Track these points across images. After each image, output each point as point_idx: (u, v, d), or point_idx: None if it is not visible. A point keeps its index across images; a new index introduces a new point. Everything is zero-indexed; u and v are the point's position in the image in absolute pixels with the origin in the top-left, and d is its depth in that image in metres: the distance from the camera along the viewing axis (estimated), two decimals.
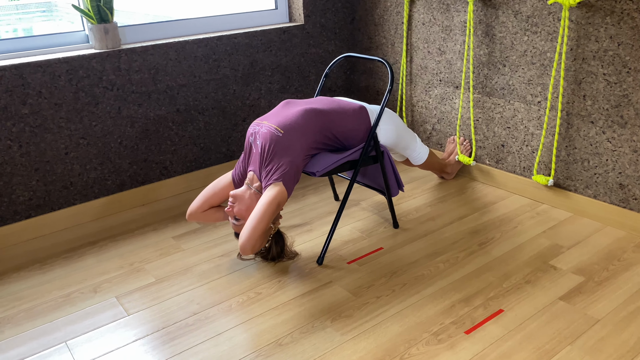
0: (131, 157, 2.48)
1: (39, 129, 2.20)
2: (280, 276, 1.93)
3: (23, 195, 2.24)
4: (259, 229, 1.75)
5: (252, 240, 1.74)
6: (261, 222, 1.76)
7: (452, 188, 2.58)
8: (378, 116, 2.01)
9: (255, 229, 1.75)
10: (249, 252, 1.75)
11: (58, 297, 1.87)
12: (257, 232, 1.75)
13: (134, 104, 2.41)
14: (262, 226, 1.76)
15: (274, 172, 1.85)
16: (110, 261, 2.09)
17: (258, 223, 1.75)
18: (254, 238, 1.74)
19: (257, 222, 1.75)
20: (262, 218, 1.76)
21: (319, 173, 1.88)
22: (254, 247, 1.76)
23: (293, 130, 1.86)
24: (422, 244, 2.10)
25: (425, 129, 2.84)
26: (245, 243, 1.74)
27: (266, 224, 1.77)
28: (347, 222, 2.30)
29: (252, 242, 1.74)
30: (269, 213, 1.77)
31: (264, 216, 1.76)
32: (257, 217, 1.76)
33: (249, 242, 1.74)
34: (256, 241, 1.75)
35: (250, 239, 1.74)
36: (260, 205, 1.79)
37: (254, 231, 1.75)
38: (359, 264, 1.99)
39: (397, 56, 2.85)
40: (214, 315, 1.74)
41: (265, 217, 1.76)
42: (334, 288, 1.85)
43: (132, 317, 1.75)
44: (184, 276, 1.96)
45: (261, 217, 1.76)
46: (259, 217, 1.76)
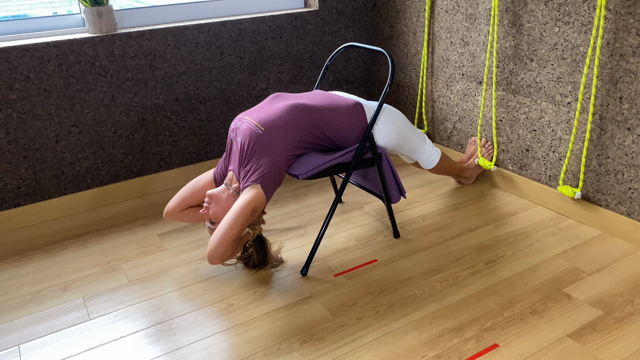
0: (126, 147, 2.37)
1: (28, 115, 2.12)
2: (259, 286, 1.77)
3: (11, 183, 2.17)
4: (228, 236, 1.59)
5: (220, 248, 1.58)
6: (232, 228, 1.60)
7: (468, 194, 2.34)
8: (374, 114, 1.80)
9: (224, 236, 1.59)
10: (216, 262, 1.60)
11: (27, 294, 1.79)
12: (226, 239, 1.59)
13: (129, 92, 2.30)
14: (233, 233, 1.60)
15: (252, 173, 1.68)
16: (89, 257, 1.99)
17: (228, 230, 1.59)
18: (222, 246, 1.59)
19: (227, 228, 1.60)
20: (234, 224, 1.60)
21: (302, 176, 1.69)
22: (222, 255, 1.60)
23: (275, 128, 1.68)
24: (422, 258, 1.89)
25: (445, 128, 2.59)
26: (213, 251, 1.59)
27: (237, 231, 1.61)
28: (344, 227, 2.11)
29: (221, 251, 1.59)
30: (241, 219, 1.61)
31: (235, 222, 1.60)
32: (229, 223, 1.60)
33: (217, 250, 1.58)
34: (225, 249, 1.60)
35: (219, 246, 1.58)
36: (233, 209, 1.63)
37: (223, 238, 1.59)
38: (346, 277, 1.80)
39: (419, 46, 2.60)
40: (177, 327, 1.60)
41: (237, 224, 1.60)
42: (312, 304, 1.67)
43: (93, 323, 1.64)
44: (157, 279, 1.83)
45: (232, 223, 1.60)
46: (230, 223, 1.60)
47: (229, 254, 1.61)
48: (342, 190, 1.84)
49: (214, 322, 1.61)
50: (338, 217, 2.19)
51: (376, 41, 2.86)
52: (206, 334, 1.56)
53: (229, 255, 1.62)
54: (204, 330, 1.58)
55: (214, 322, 1.61)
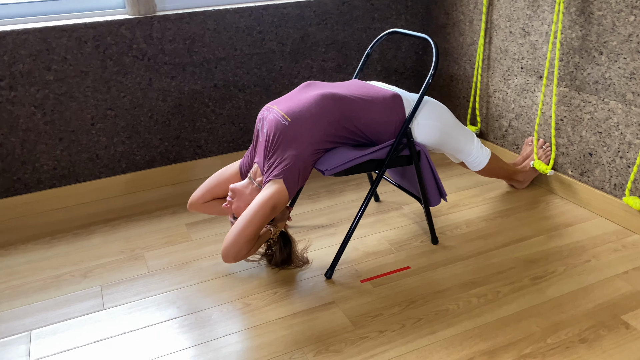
0: (162, 133, 2.32)
1: (64, 96, 2.10)
2: (280, 286, 1.66)
3: (47, 164, 2.17)
4: (244, 234, 1.49)
5: (235, 247, 1.48)
6: (248, 226, 1.49)
7: (521, 200, 2.12)
8: (414, 108, 1.64)
9: (240, 234, 1.49)
10: (230, 260, 1.50)
11: (48, 278, 1.77)
12: (242, 238, 1.49)
13: (166, 76, 2.24)
14: (250, 232, 1.49)
15: (275, 166, 1.57)
16: (114, 243, 1.95)
17: (245, 228, 1.49)
18: (237, 244, 1.48)
19: (243, 226, 1.49)
20: (251, 222, 1.49)
21: (329, 172, 1.56)
22: (237, 255, 1.50)
23: (302, 119, 1.56)
24: (460, 268, 1.71)
25: (500, 125, 2.38)
26: (227, 250, 1.49)
27: (254, 229, 1.50)
28: (378, 229, 1.96)
29: (236, 249, 1.49)
30: (259, 216, 1.50)
31: (252, 219, 1.50)
32: (245, 221, 1.50)
33: (231, 248, 1.48)
34: (240, 248, 1.49)
35: (234, 245, 1.48)
36: (252, 206, 1.52)
37: (238, 237, 1.49)
38: (373, 284, 1.66)
39: (475, 36, 2.40)
40: (189, 325, 1.52)
41: (254, 221, 1.50)
42: (333, 311, 1.54)
43: (106, 313, 1.58)
44: (178, 271, 1.76)
45: (249, 220, 1.50)
46: (247, 220, 1.50)
47: (244, 253, 1.51)
48: (373, 189, 1.69)
49: (227, 323, 1.52)
50: (373, 217, 2.05)
51: (430, 29, 2.67)
52: (216, 334, 1.47)
53: (245, 254, 1.51)
54: (215, 331, 1.49)
55: (227, 323, 1.52)
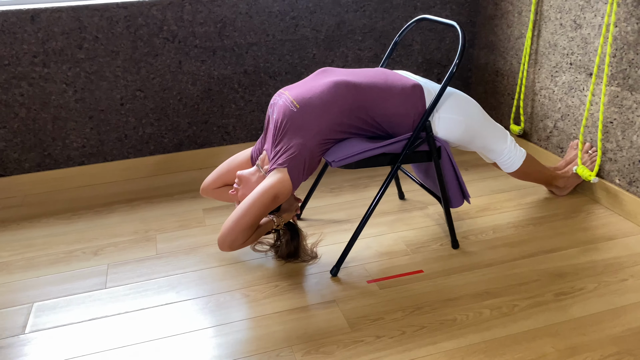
0: (191, 117, 2.31)
1: (95, 75, 2.13)
2: (282, 280, 1.60)
3: (77, 141, 2.21)
4: (241, 223, 1.43)
5: (230, 235, 1.43)
6: (246, 214, 1.43)
7: (559, 208, 1.95)
8: (434, 100, 1.52)
9: (237, 222, 1.43)
10: (226, 249, 1.45)
11: (61, 253, 1.79)
12: (238, 226, 1.43)
13: (196, 60, 2.22)
14: (247, 220, 1.43)
15: (281, 154, 1.50)
16: (131, 224, 1.95)
17: (242, 216, 1.43)
18: (233, 233, 1.43)
19: (241, 214, 1.44)
20: (249, 210, 1.44)
21: (336, 163, 1.48)
22: (232, 243, 1.44)
23: (311, 106, 1.48)
24: (477, 276, 1.58)
25: (545, 126, 2.20)
26: (223, 238, 1.44)
27: (252, 218, 1.44)
28: (397, 228, 1.86)
29: (231, 238, 1.43)
30: (258, 205, 1.44)
31: (251, 208, 1.44)
32: (244, 208, 1.44)
33: (227, 236, 1.43)
34: (236, 237, 1.44)
35: (229, 233, 1.43)
36: (253, 194, 1.46)
37: (234, 225, 1.43)
38: (380, 285, 1.56)
39: (523, 28, 2.22)
40: (183, 311, 1.48)
41: (252, 210, 1.44)
42: (332, 311, 1.46)
43: (106, 292, 1.58)
44: (185, 256, 1.74)
45: (248, 209, 1.44)
46: (246, 208, 1.44)
47: (241, 242, 1.45)
48: (385, 185, 1.59)
49: (220, 313, 1.47)
50: (393, 215, 1.94)
51: (477, 21, 2.50)
52: (207, 324, 1.43)
53: (241, 243, 1.46)
54: (207, 320, 1.44)
55: (221, 313, 1.47)
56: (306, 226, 1.89)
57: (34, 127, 2.14)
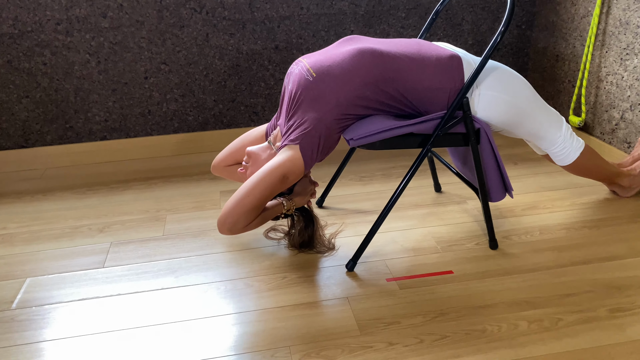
0: (217, 94, 2.18)
1: (119, 46, 2.03)
2: (292, 271, 1.43)
3: (99, 115, 2.13)
4: (243, 204, 1.27)
5: (231, 217, 1.27)
6: (250, 194, 1.27)
7: (621, 210, 1.68)
8: (474, 72, 1.30)
9: (238, 203, 1.27)
10: (225, 232, 1.29)
11: (67, 228, 1.70)
12: (239, 208, 1.27)
13: (224, 33, 2.08)
14: (249, 201, 1.27)
15: (293, 129, 1.33)
16: (144, 202, 1.84)
17: (245, 196, 1.27)
18: (234, 215, 1.27)
19: (244, 193, 1.28)
20: (254, 190, 1.27)
21: (355, 142, 1.29)
22: (232, 226, 1.28)
23: (329, 76, 1.30)
24: (516, 282, 1.36)
25: (610, 117, 1.92)
26: (222, 219, 1.28)
27: (256, 199, 1.28)
28: (429, 222, 1.65)
29: (232, 220, 1.27)
30: (264, 185, 1.28)
31: (255, 188, 1.27)
32: (248, 188, 1.28)
33: (227, 218, 1.27)
34: (237, 219, 1.27)
35: (230, 215, 1.27)
36: (259, 172, 1.30)
37: (236, 205, 1.27)
38: (401, 285, 1.36)
39: (590, 5, 1.95)
40: (180, 299, 1.34)
41: (257, 190, 1.27)
42: (342, 310, 1.28)
43: (102, 272, 1.46)
44: (192, 239, 1.60)
45: (252, 188, 1.28)
46: (250, 187, 1.28)
47: (242, 225, 1.29)
48: (412, 170, 1.38)
49: (218, 303, 1.32)
50: (426, 208, 1.73)
51: (537, 0, 2.24)
52: (200, 314, 1.28)
53: (242, 227, 1.29)
54: (201, 310, 1.30)
55: (218, 303, 1.32)
56: (327, 215, 1.72)
57: (56, 97, 2.06)
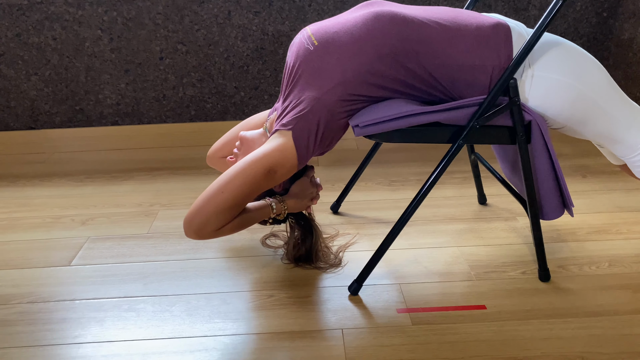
0: (238, 80, 1.95)
1: (133, 22, 1.85)
2: (283, 289, 1.16)
3: (110, 97, 1.95)
4: (216, 200, 1.01)
5: (199, 217, 1.01)
6: (225, 189, 1.01)
7: None
8: (525, 46, 0.98)
9: (210, 199, 1.01)
10: (191, 235, 1.03)
11: (49, 217, 1.51)
12: (212, 204, 1.00)
13: (249, 11, 1.85)
14: (224, 198, 1.01)
15: (287, 112, 1.06)
16: (140, 194, 1.64)
17: (219, 191, 1.01)
18: (203, 214, 1.00)
19: (218, 188, 1.01)
20: (230, 183, 1.01)
21: (360, 130, 1.00)
22: (201, 228, 1.01)
23: (335, 44, 1.02)
24: (572, 329, 1.02)
25: None
26: (189, 219, 1.02)
27: (235, 196, 1.01)
28: (464, 241, 1.33)
29: (200, 220, 1.00)
30: (244, 178, 1.01)
31: (234, 181, 1.01)
32: (223, 181, 1.02)
33: (194, 218, 1.01)
34: (206, 220, 1.00)
35: (198, 214, 1.01)
36: (240, 163, 1.04)
37: (207, 202, 1.01)
38: (415, 318, 1.06)
39: None
40: (139, 311, 1.10)
41: (235, 184, 1.01)
42: (332, 346, 0.99)
43: (66, 270, 1.25)
44: (177, 240, 1.37)
45: (229, 182, 1.01)
46: (227, 180, 1.02)
47: (213, 228, 1.01)
48: (440, 168, 1.07)
49: (179, 321, 1.07)
50: (464, 223, 1.41)
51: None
52: (154, 334, 1.03)
53: (213, 230, 1.02)
54: (155, 328, 1.05)
55: (180, 321, 1.07)
56: (342, 223, 1.43)
57: (66, 76, 1.91)
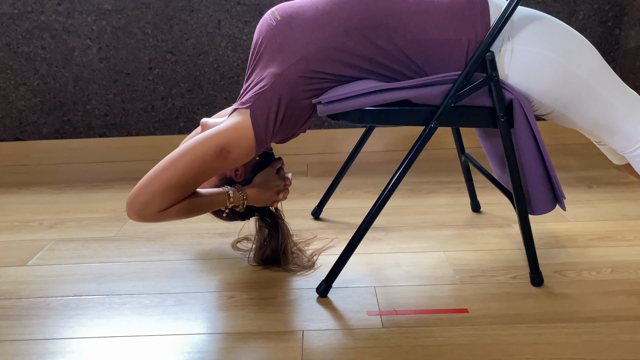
0: (229, 91, 1.90)
1: (122, 31, 1.82)
2: (246, 290, 1.06)
3: (99, 108, 1.91)
4: (161, 179, 0.92)
5: (143, 195, 0.92)
6: (170, 167, 0.92)
7: None
8: (502, 15, 0.89)
9: (155, 178, 0.92)
10: (133, 215, 0.94)
11: (17, 221, 1.45)
12: (156, 183, 0.92)
13: (239, 20, 1.82)
14: (169, 176, 0.92)
15: (248, 90, 0.99)
16: (117, 202, 1.57)
17: (164, 169, 0.93)
18: (146, 192, 0.92)
19: (164, 166, 0.93)
20: (177, 161, 0.93)
21: (323, 107, 0.93)
22: (143, 207, 0.92)
23: (298, 19, 0.95)
24: (566, 334, 0.89)
25: None
26: (132, 197, 0.93)
27: (180, 173, 0.92)
28: (452, 246, 1.21)
29: (142, 199, 0.92)
30: (192, 157, 0.93)
31: (180, 159, 0.93)
32: (170, 159, 0.94)
33: (138, 196, 0.92)
34: (150, 199, 0.91)
35: (142, 191, 0.92)
36: (190, 141, 0.96)
37: (151, 181, 0.92)
38: (386, 321, 0.94)
39: None
40: (87, 307, 1.01)
41: (182, 162, 0.93)
42: (289, 347, 0.88)
43: (22, 270, 1.18)
44: (143, 243, 1.28)
45: (176, 159, 0.93)
46: (173, 158, 0.94)
47: (155, 209, 0.92)
48: (413, 153, 0.97)
49: (125, 320, 0.97)
50: (454, 229, 1.30)
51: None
52: (92, 333, 0.93)
53: (156, 212, 0.93)
54: (95, 327, 0.95)
55: (126, 321, 0.97)
56: (321, 227, 1.33)
57: (54, 86, 1.88)
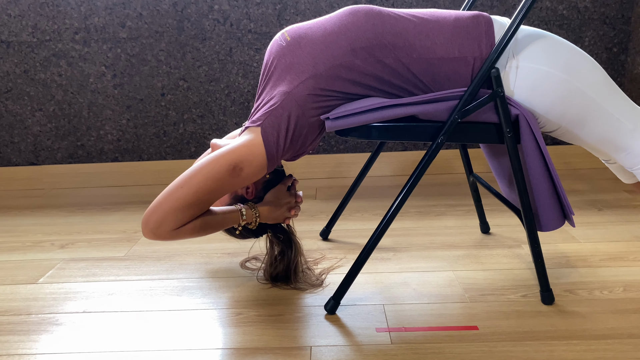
0: (239, 117, 1.93)
1: (136, 58, 1.87)
2: (255, 307, 1.05)
3: (112, 133, 1.95)
4: (176, 197, 0.93)
5: (157, 213, 0.93)
6: (184, 185, 0.94)
7: None
8: (506, 33, 0.91)
9: (168, 196, 0.94)
10: (148, 234, 0.95)
11: (29, 241, 1.46)
12: (169, 201, 0.93)
13: (250, 47, 1.86)
14: (184, 194, 0.93)
15: (259, 108, 1.01)
16: (128, 223, 1.58)
17: (178, 187, 0.94)
18: (161, 210, 0.93)
19: (178, 184, 0.95)
20: (191, 179, 0.94)
21: (331, 123, 0.94)
22: (157, 226, 0.93)
23: (308, 39, 0.98)
24: (578, 351, 0.87)
25: None
26: (147, 216, 0.94)
27: (194, 192, 0.94)
28: (461, 266, 1.20)
29: (157, 217, 0.93)
30: (206, 175, 0.94)
31: (194, 177, 0.94)
32: (184, 177, 0.95)
33: (152, 215, 0.94)
34: (164, 217, 0.93)
35: (156, 210, 0.93)
36: (204, 159, 0.97)
37: (165, 199, 0.94)
38: (395, 338, 0.93)
39: None
40: (95, 323, 1.01)
41: (196, 180, 0.94)
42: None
43: (30, 289, 1.18)
44: (154, 263, 1.29)
45: (190, 177, 0.95)
46: (187, 177, 0.95)
47: (170, 228, 0.93)
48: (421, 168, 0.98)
49: (131, 337, 0.97)
50: (463, 249, 1.29)
51: (633, 17, 1.81)
52: (99, 348, 0.93)
53: (170, 230, 0.94)
54: (102, 344, 0.95)
55: (132, 337, 0.97)
56: (330, 248, 1.33)
57: (69, 111, 1.92)
